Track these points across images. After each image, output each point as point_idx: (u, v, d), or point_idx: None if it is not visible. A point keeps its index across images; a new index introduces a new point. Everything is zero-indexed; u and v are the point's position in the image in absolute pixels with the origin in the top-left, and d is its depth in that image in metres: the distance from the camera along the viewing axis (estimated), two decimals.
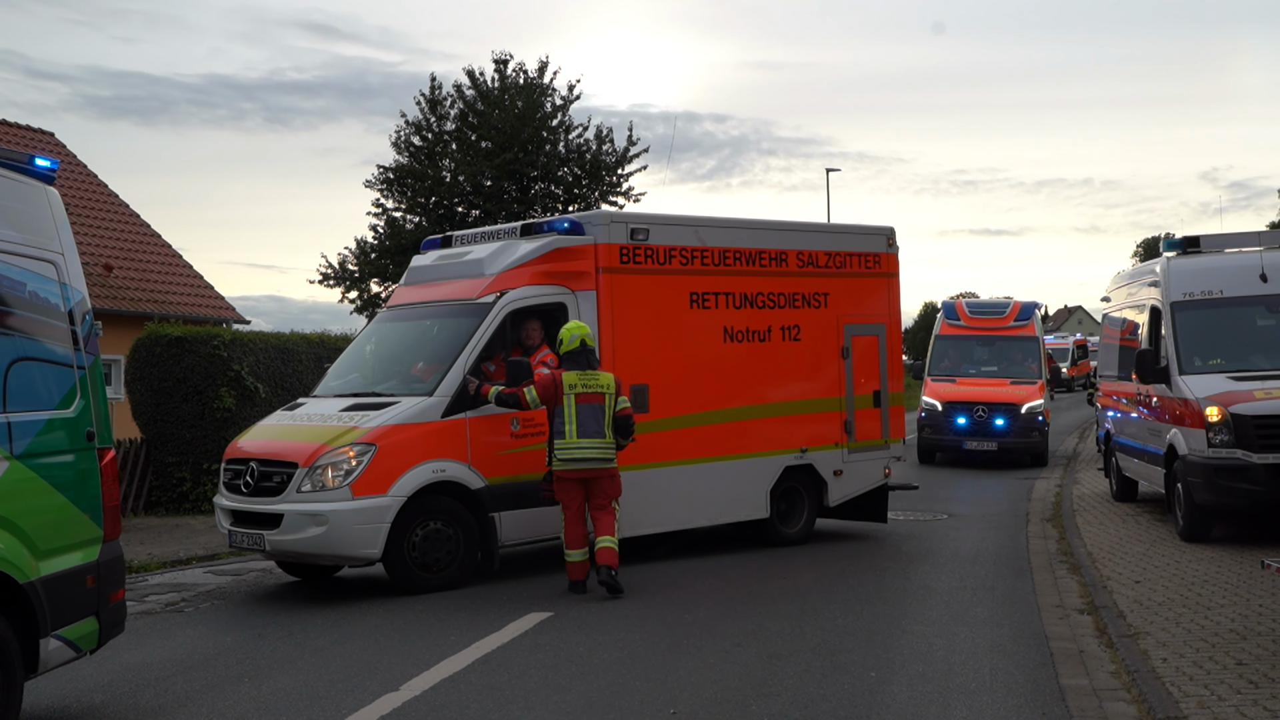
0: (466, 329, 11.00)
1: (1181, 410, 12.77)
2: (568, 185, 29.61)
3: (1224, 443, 12.05)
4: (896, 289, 13.97)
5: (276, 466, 10.24)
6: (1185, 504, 12.59)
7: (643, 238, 11.72)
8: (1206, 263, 14.08)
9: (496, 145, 28.58)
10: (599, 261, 11.48)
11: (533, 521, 10.88)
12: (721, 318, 12.32)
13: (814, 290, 13.09)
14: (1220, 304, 13.54)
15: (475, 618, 9.34)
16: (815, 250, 13.14)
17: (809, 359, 13.04)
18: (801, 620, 9.19)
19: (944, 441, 22.59)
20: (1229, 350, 13.48)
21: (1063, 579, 10.92)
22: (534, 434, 10.79)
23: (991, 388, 22.63)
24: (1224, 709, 6.55)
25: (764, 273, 12.66)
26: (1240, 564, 11.06)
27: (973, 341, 24.12)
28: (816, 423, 13.07)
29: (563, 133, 29.58)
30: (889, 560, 12.11)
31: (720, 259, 12.30)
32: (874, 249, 13.73)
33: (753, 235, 12.68)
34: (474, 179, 28.55)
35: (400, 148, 29.81)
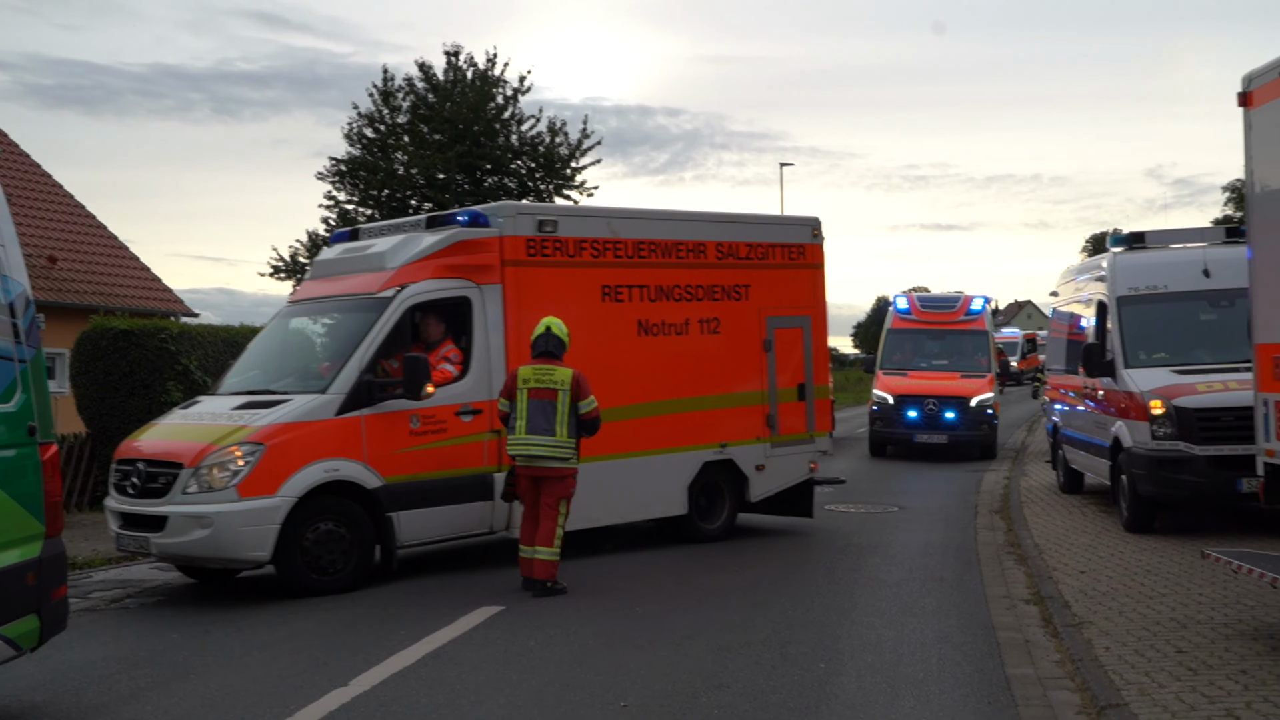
0: (364, 324, 10.73)
1: (1126, 403, 12.96)
2: (521, 178, 29.54)
3: (1167, 435, 12.25)
4: (822, 280, 13.78)
5: (162, 467, 9.93)
6: (1129, 495, 12.79)
7: (551, 230, 11.47)
8: (1151, 258, 14.30)
9: (449, 138, 28.46)
10: (504, 254, 11.21)
11: (435, 521, 10.64)
12: (636, 311, 12.11)
13: (734, 282, 12.88)
14: (1164, 299, 13.76)
15: (425, 612, 9.30)
16: (736, 241, 12.92)
17: (729, 352, 12.82)
18: (752, 612, 9.24)
19: (895, 434, 22.81)
20: (1173, 344, 13.70)
21: (1010, 570, 11.05)
22: (434, 431, 10.59)
23: (942, 381, 22.89)
24: (1164, 696, 6.66)
25: (681, 265, 12.45)
26: (1182, 554, 11.26)
27: (924, 336, 24.40)
28: (737, 417, 12.86)
29: (515, 125, 29.49)
30: (839, 553, 12.19)
31: (634, 251, 12.09)
32: (798, 240, 13.54)
33: (669, 227, 12.49)
34: (427, 171, 28.41)
35: (352, 140, 29.61)
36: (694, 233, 12.63)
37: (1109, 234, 15.43)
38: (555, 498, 10.16)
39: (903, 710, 6.62)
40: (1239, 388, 11.39)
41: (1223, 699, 6.57)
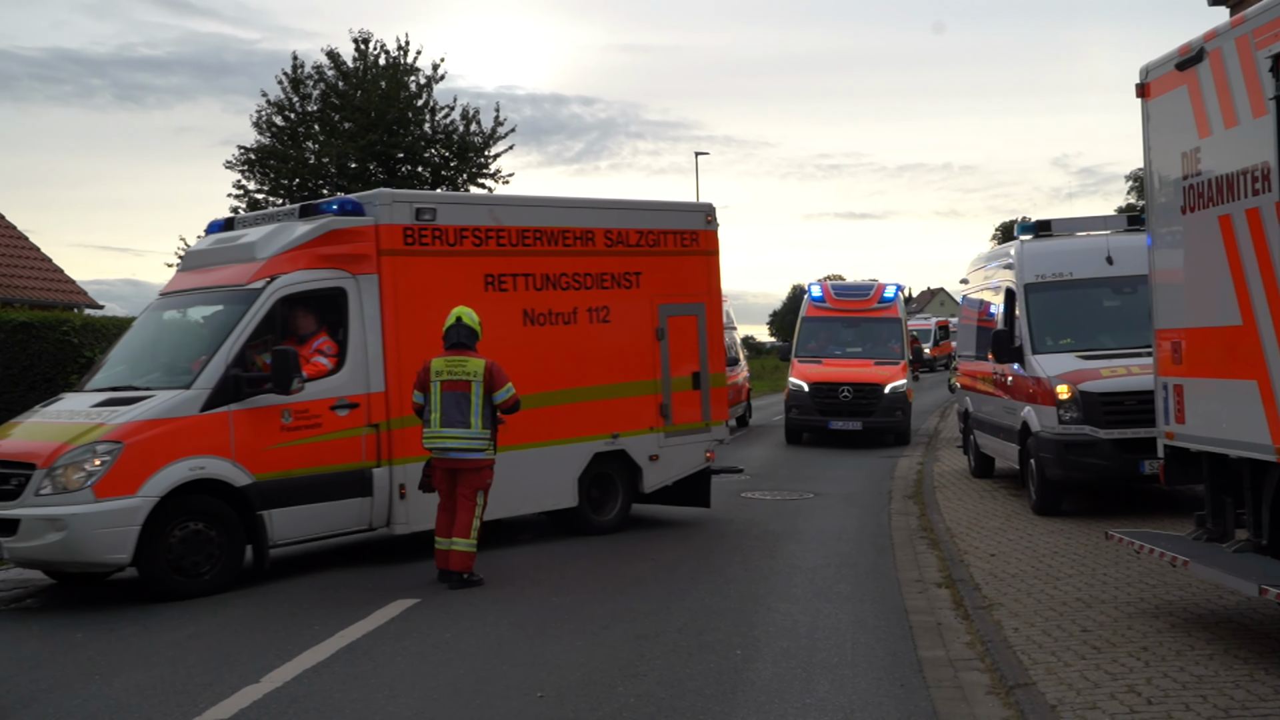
0: (233, 317, 10.44)
1: (1034, 388, 13.24)
2: (435, 167, 29.27)
3: (1073, 419, 12.54)
4: (716, 267, 13.67)
5: (14, 468, 9.54)
6: (1038, 479, 13.07)
7: (429, 218, 11.24)
8: (1057, 246, 14.61)
9: (360, 126, 28.09)
10: (380, 243, 10.97)
11: (309, 518, 10.41)
12: (521, 300, 11.92)
13: (625, 270, 12.72)
14: (1070, 285, 14.08)
15: (340, 606, 9.21)
16: (626, 228, 12.77)
17: (620, 341, 12.68)
18: (669, 601, 9.28)
19: (810, 422, 23.05)
20: (1078, 330, 14.02)
21: (923, 554, 11.24)
22: (308, 426, 10.36)
23: (856, 369, 23.17)
24: (1069, 674, 6.84)
25: (569, 252, 12.28)
26: (1087, 535, 11.54)
27: (838, 323, 24.66)
28: (629, 407, 12.71)
29: (429, 114, 29.22)
30: (755, 540, 12.29)
31: (519, 239, 11.89)
32: (691, 226, 13.40)
33: (556, 214, 12.34)
34: (338, 161, 28.00)
35: (261, 128, 29.08)
36: (582, 219, 12.46)
37: (1017, 222, 15.73)
38: (472, 489, 10.11)
39: (817, 695, 6.71)
40: (1141, 372, 11.70)
41: (1125, 675, 6.76)
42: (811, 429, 23.35)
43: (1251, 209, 7.02)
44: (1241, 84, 7.14)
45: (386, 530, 10.98)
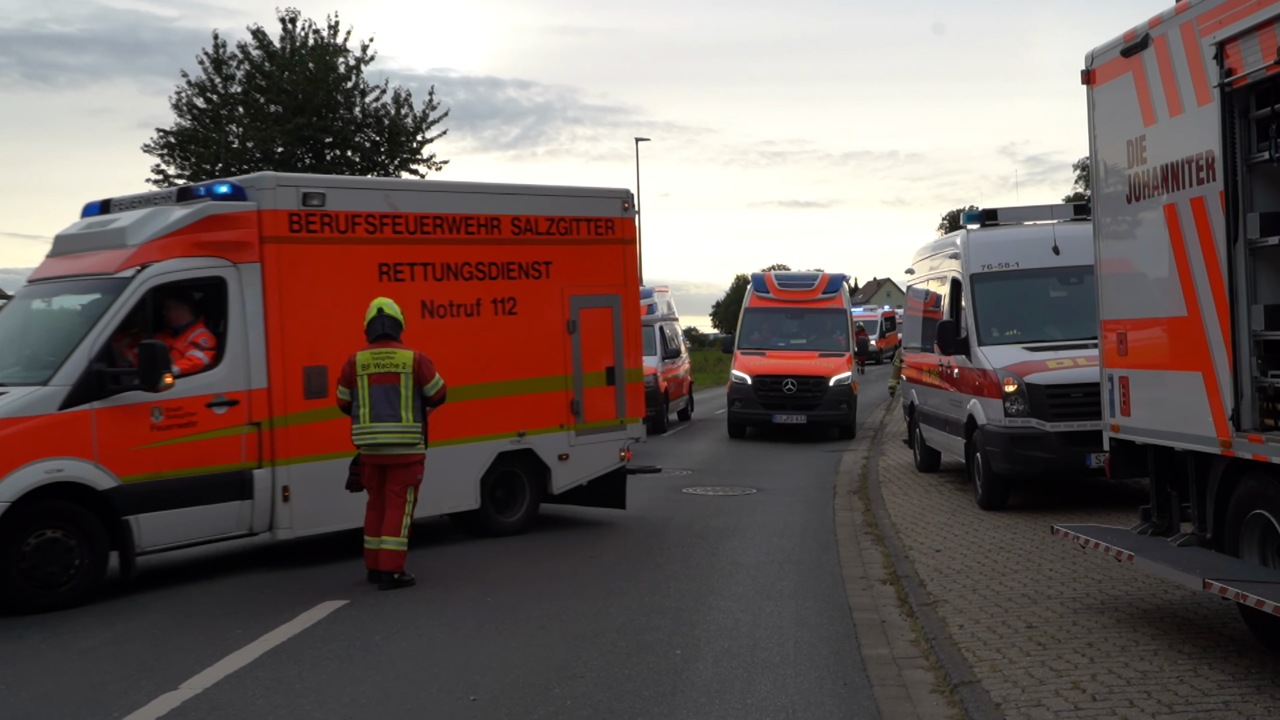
0: (98, 308, 9.99)
1: (980, 381, 13.39)
2: (365, 152, 29.03)
3: (1019, 412, 12.70)
4: (634, 257, 13.49)
5: None
6: (984, 473, 13.23)
7: (318, 203, 10.89)
8: (1004, 235, 14.78)
9: (287, 109, 27.78)
10: (263, 230, 10.60)
11: (181, 523, 10.03)
12: (419, 291, 11.59)
13: (534, 259, 12.43)
14: (1016, 276, 14.25)
15: (264, 608, 9.10)
16: (535, 215, 12.47)
17: (527, 334, 12.40)
18: (607, 600, 9.28)
19: (754, 415, 23.15)
20: (1025, 322, 14.20)
21: (867, 550, 11.33)
22: (181, 425, 9.98)
23: (800, 361, 23.29)
24: (1014, 671, 6.92)
25: (472, 241, 11.97)
26: (1033, 530, 11.70)
27: (781, 314, 24.78)
28: (537, 404, 12.44)
29: (358, 96, 28.95)
30: (696, 537, 12.33)
31: (417, 226, 11.59)
32: (606, 213, 13.09)
33: (458, 199, 12.07)
34: (264, 145, 27.68)
35: (182, 110, 28.66)
36: (487, 206, 12.17)
37: (963, 211, 15.88)
38: (402, 485, 10.05)
39: (759, 695, 6.74)
40: (1087, 364, 11.87)
41: (1070, 672, 6.86)
42: (755, 423, 23.45)
43: (1196, 198, 7.14)
44: (1186, 71, 7.26)
45: (269, 535, 10.69)
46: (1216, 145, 6.84)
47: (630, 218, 13.42)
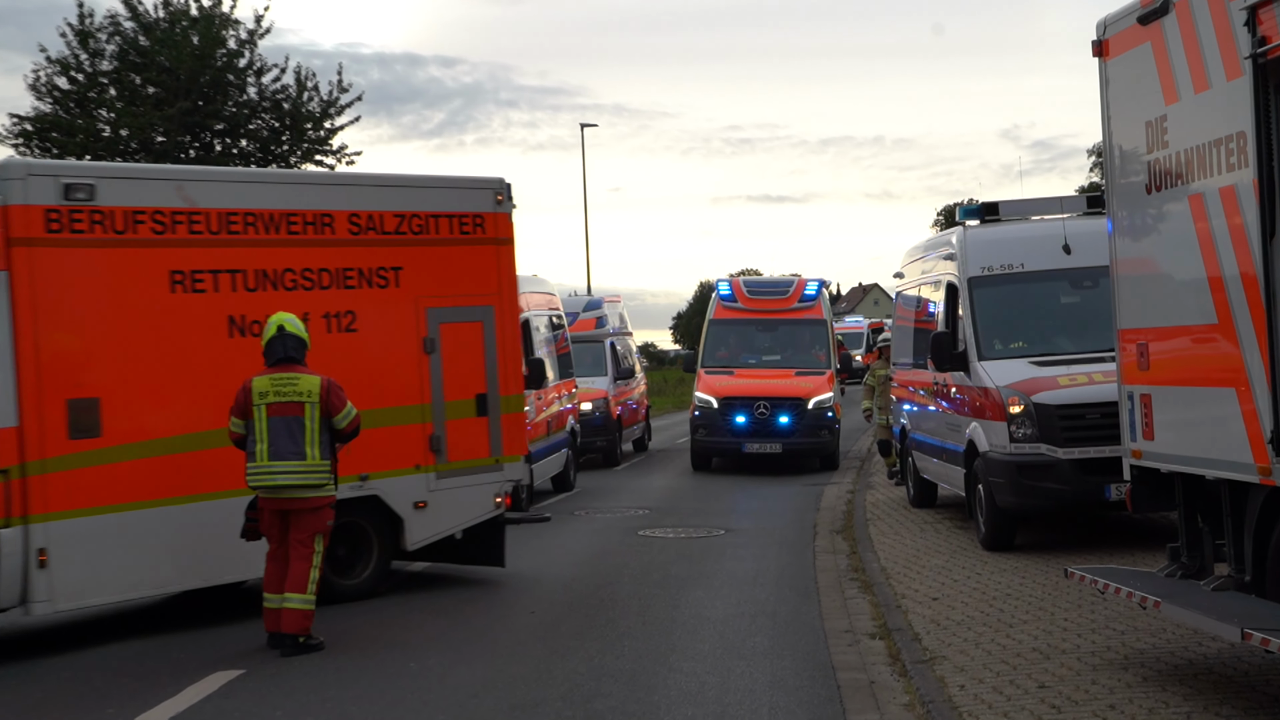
0: None
1: (981, 401, 13.48)
2: (263, 141, 28.85)
3: (1027, 437, 12.79)
4: (510, 260, 12.90)
5: None
6: (987, 507, 13.30)
7: (84, 197, 10.27)
8: (1006, 233, 14.91)
9: (168, 91, 27.54)
10: (10, 230, 9.95)
11: None
12: (225, 304, 11.00)
13: (378, 264, 11.92)
14: (1021, 279, 14.37)
15: (142, 683, 8.98)
16: (380, 211, 11.98)
17: (370, 356, 11.83)
18: (550, 662, 9.24)
19: (720, 444, 23.20)
20: (1032, 332, 14.33)
21: (853, 599, 11.36)
22: None
23: (774, 380, 23.39)
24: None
25: (296, 242, 11.46)
26: (1045, 573, 11.77)
27: (752, 327, 24.89)
28: (385, 440, 11.70)
29: (253, 76, 28.78)
30: (654, 586, 12.31)
31: (222, 225, 11.01)
32: (475, 208, 12.62)
33: (277, 192, 11.64)
34: (141, 133, 27.40)
35: (41, 92, 28.29)
36: (315, 200, 11.73)
37: (960, 205, 16.00)
38: (308, 533, 9.97)
39: None
40: (1104, 380, 11.96)
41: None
42: (722, 453, 23.49)
43: (1226, 187, 7.22)
44: (1213, 40, 7.34)
45: (21, 611, 9.98)
46: (1249, 126, 6.90)
47: (506, 213, 12.86)
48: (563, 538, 15.73)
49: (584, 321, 26.08)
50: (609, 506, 18.71)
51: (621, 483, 22.13)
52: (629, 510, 18.12)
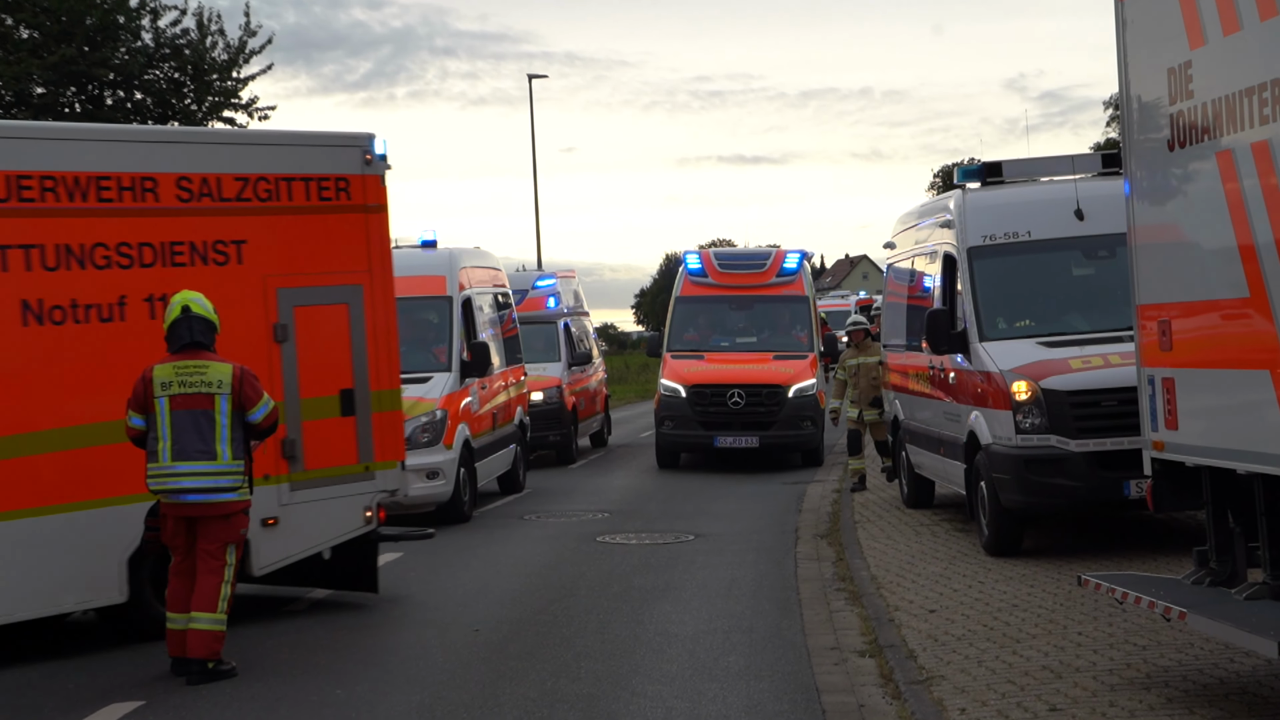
0: None
1: (983, 387, 13.52)
2: (160, 93, 28.65)
3: (1035, 427, 12.84)
4: (382, 230, 12.56)
5: None
6: (990, 507, 13.36)
7: None
8: (1011, 197, 14.97)
9: (47, 36, 27.27)
10: None
11: None
12: (19, 286, 10.46)
13: (215, 237, 11.46)
14: (1028, 249, 14.41)
15: (29, 715, 8.92)
16: (217, 173, 11.50)
17: None
18: (497, 687, 9.24)
19: (689, 438, 23.22)
20: (1040, 308, 14.38)
21: (840, 612, 11.40)
22: None
23: (750, 365, 23.42)
24: None
25: (111, 211, 10.97)
26: (1056, 581, 11.84)
27: (724, 305, 24.93)
28: None
29: (148, 18, 28.56)
30: (615, 600, 12.33)
31: (11, 190, 10.50)
32: (337, 169, 12.22)
33: (83, 151, 11.08)
34: (16, 84, 27.12)
35: None
36: (135, 160, 11.19)
37: (959, 166, 16.05)
38: (218, 543, 9.91)
39: None
40: (1122, 362, 12.01)
41: None
42: (692, 447, 23.52)
43: (1259, 143, 7.23)
44: None
45: None
46: None
47: (377, 174, 12.49)
48: (510, 546, 15.73)
49: (534, 300, 26.13)
50: (563, 510, 18.72)
51: (577, 482, 22.12)
52: (586, 514, 18.16)
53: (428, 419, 17.09)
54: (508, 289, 22.52)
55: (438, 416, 17.24)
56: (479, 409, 18.63)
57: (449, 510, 17.30)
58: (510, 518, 17.87)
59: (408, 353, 18.56)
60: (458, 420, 17.69)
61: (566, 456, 25.07)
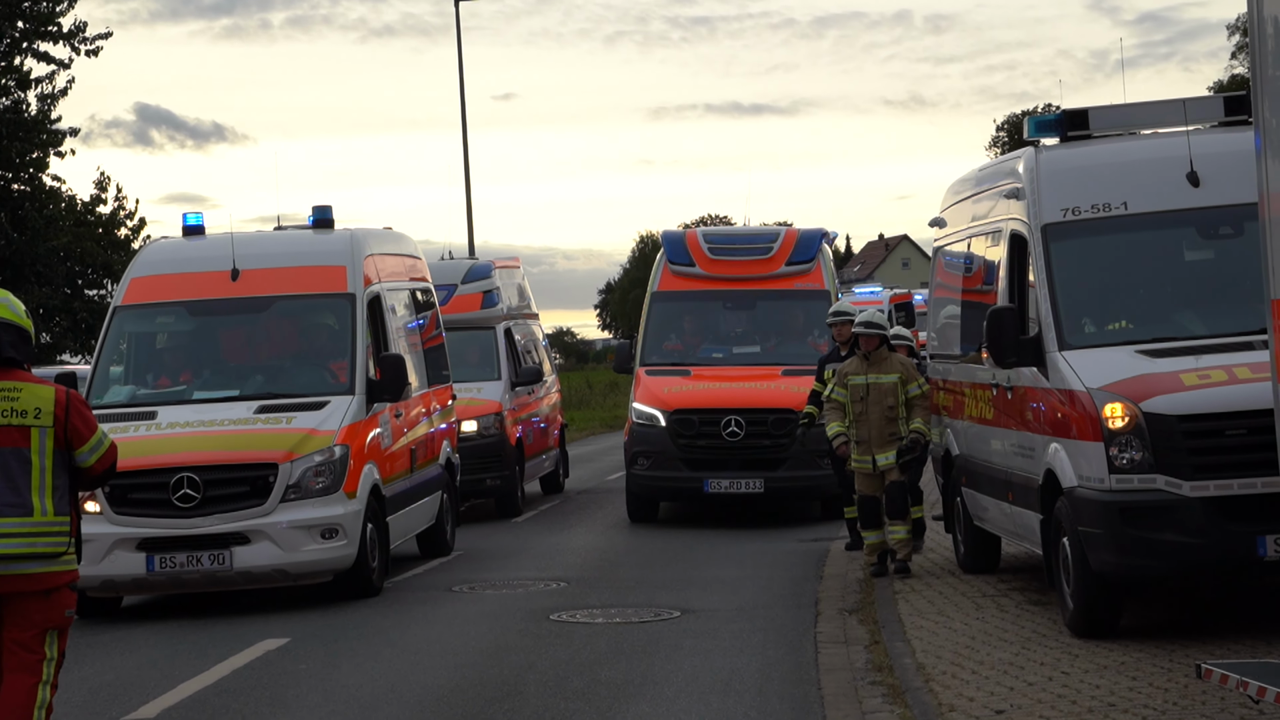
0: None
1: (1065, 411, 13.40)
2: None
3: (1136, 465, 12.68)
4: None
5: None
6: (1076, 573, 13.23)
7: None
8: (1100, 155, 14.94)
9: None
10: None
11: None
12: None
13: None
14: (1124, 225, 14.34)
15: None
16: None
17: None
18: None
19: (671, 481, 22.94)
20: (1140, 305, 14.31)
21: (876, 714, 11.31)
22: None
23: (752, 384, 23.24)
24: None
25: None
26: (1167, 672, 11.73)
27: (718, 303, 24.79)
28: None
29: None
30: (575, 699, 12.29)
31: None
32: None
33: None
34: None
35: None
36: None
37: (1029, 116, 15.96)
38: (35, 629, 9.71)
39: None
40: (1253, 376, 11.93)
41: None
42: (674, 494, 23.38)
43: None
44: None
45: None
46: None
47: None
48: (435, 628, 15.72)
49: (465, 298, 26.22)
50: (506, 578, 18.72)
51: (524, 541, 22.05)
52: (536, 583, 18.14)
53: (322, 458, 16.97)
54: (430, 283, 22.54)
55: (336, 455, 17.09)
56: (392, 444, 18.56)
57: (352, 580, 17.22)
58: (434, 589, 17.78)
59: (295, 370, 18.70)
60: (363, 459, 17.58)
61: (509, 507, 25.05)
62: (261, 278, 18.87)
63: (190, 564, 16.46)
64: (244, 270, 18.66)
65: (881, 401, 17.53)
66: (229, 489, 16.82)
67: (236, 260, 18.60)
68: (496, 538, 22.46)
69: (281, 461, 16.74)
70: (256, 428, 17.40)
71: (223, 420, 17.58)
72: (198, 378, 18.90)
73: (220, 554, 16.38)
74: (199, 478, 16.54)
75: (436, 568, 19.79)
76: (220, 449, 17.13)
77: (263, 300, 18.85)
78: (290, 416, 17.34)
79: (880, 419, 17.51)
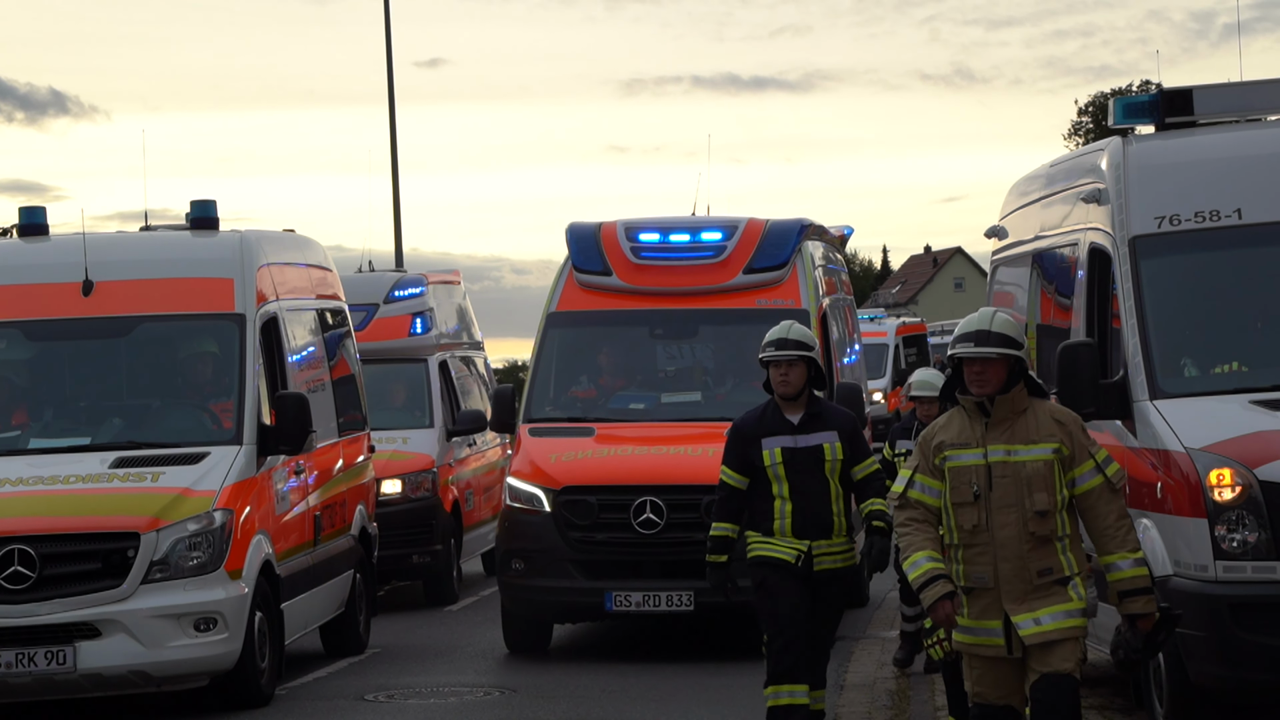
0: None
1: (1157, 476, 13.36)
2: None
3: (1249, 548, 12.67)
4: None
5: None
6: (1171, 684, 13.24)
7: None
8: (1206, 148, 15.00)
9: None
10: None
11: None
12: None
13: None
14: (1236, 239, 14.37)
15: None
16: None
17: None
18: None
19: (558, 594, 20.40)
20: (1256, 342, 14.28)
21: None
22: None
23: (681, 446, 20.84)
24: None
25: None
26: None
27: (642, 328, 22.87)
28: None
29: None
30: None
31: None
32: None
33: None
34: None
35: None
36: None
37: (1115, 96, 15.94)
38: None
39: None
40: None
41: None
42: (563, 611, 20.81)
43: None
44: None
45: None
46: None
47: None
48: None
49: (389, 321, 26.43)
50: (435, 684, 18.77)
51: (460, 636, 22.01)
52: (473, 690, 18.22)
53: (198, 527, 16.79)
54: (343, 303, 22.53)
55: (216, 522, 16.93)
56: (289, 509, 18.56)
57: (234, 685, 17.17)
58: (342, 698, 17.71)
59: (164, 412, 18.61)
60: (252, 529, 17.50)
61: (442, 591, 25.14)
62: (122, 292, 18.72)
63: (20, 664, 16.06)
64: (99, 282, 18.47)
65: (1023, 500, 10.87)
66: (74, 566, 16.57)
67: (90, 269, 18.38)
68: (424, 631, 22.39)
69: (144, 531, 16.48)
70: (113, 486, 17.21)
71: (68, 476, 17.37)
72: (36, 421, 18.77)
73: (60, 651, 16.04)
74: (34, 551, 16.23)
75: (345, 669, 19.83)
76: (63, 514, 16.95)
77: (123, 321, 18.68)
78: (157, 473, 17.16)
79: (1020, 536, 10.92)
